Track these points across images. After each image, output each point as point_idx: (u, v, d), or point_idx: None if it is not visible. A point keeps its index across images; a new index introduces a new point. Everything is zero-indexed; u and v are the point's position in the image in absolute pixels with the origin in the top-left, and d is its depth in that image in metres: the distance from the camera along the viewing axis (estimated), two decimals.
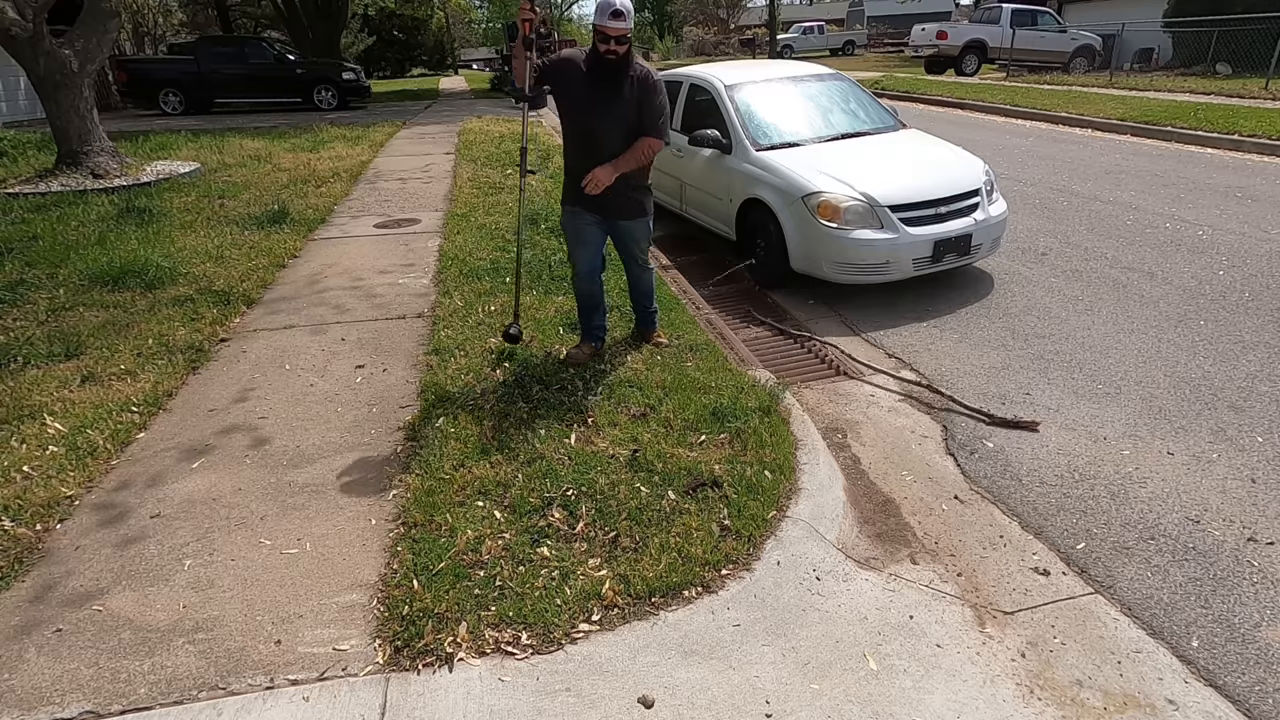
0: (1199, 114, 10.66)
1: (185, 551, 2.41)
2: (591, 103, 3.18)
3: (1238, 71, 15.30)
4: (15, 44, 7.46)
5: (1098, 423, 3.30)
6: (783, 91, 5.79)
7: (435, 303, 4.48)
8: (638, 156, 3.23)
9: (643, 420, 3.07)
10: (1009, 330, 4.29)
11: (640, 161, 3.25)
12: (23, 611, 2.17)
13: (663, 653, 2.02)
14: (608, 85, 3.15)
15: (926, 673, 1.98)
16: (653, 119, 3.22)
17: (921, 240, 4.51)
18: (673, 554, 2.32)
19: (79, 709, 1.86)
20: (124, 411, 3.23)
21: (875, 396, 3.63)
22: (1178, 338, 4.08)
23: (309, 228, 6.31)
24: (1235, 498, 2.77)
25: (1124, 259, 5.33)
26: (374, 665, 1.97)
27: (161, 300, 4.52)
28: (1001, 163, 8.70)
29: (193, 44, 19.38)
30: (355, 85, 18.33)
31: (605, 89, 3.15)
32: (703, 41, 45.84)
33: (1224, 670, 2.05)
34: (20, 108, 16.08)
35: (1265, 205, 6.55)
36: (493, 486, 2.65)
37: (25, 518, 2.54)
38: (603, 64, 3.13)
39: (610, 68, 3.13)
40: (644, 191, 3.49)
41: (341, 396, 3.40)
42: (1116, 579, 2.39)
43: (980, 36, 20.59)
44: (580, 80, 3.19)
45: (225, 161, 9.42)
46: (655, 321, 3.87)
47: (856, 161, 4.92)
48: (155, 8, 28.47)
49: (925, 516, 2.71)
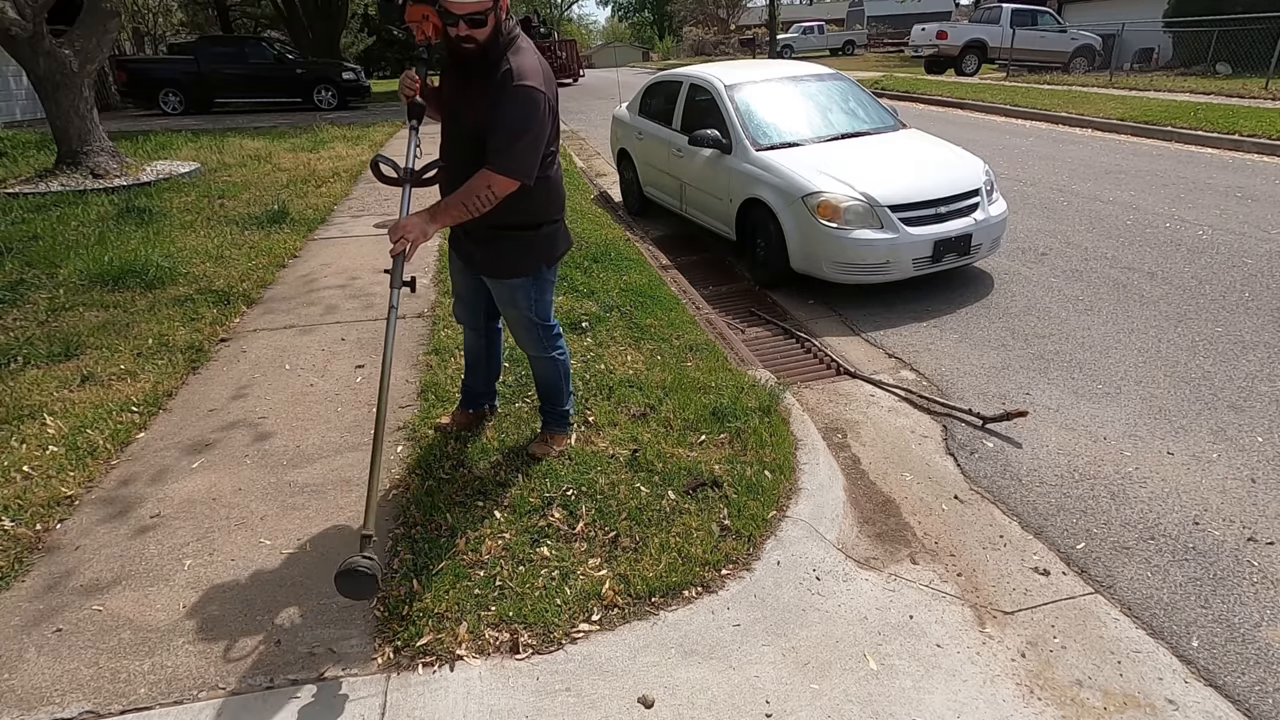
0: (1199, 114, 10.66)
1: (185, 551, 2.41)
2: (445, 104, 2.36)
3: (1238, 71, 15.30)
4: (15, 44, 7.47)
5: (1098, 423, 3.30)
6: (782, 91, 5.79)
7: (435, 303, 4.48)
8: (465, 200, 2.17)
9: (643, 420, 3.07)
10: (1009, 330, 4.29)
11: (469, 208, 2.18)
12: (23, 611, 2.17)
13: (663, 652, 2.02)
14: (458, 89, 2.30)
15: (926, 673, 1.98)
16: (500, 140, 2.15)
17: (921, 240, 4.51)
18: (673, 554, 2.32)
19: (79, 709, 1.85)
20: (124, 411, 3.23)
21: (875, 396, 3.63)
22: (1178, 338, 4.08)
23: (309, 228, 6.31)
24: (1235, 498, 2.77)
25: (1124, 259, 5.33)
26: (374, 665, 1.97)
27: (161, 300, 4.52)
28: (1001, 163, 8.70)
29: (193, 44, 19.40)
30: (355, 85, 18.35)
31: (454, 94, 2.32)
32: (703, 41, 45.82)
33: (1224, 670, 2.05)
34: (20, 108, 16.07)
35: (1265, 205, 6.55)
36: (493, 486, 2.65)
37: (25, 518, 2.54)
38: (455, 58, 2.26)
39: (463, 64, 2.25)
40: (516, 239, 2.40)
41: (341, 396, 3.39)
42: (1116, 579, 2.39)
43: (980, 36, 20.59)
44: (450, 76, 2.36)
45: (225, 161, 9.42)
46: (563, 425, 2.87)
47: (856, 161, 4.92)
48: (155, 8, 28.48)
49: (925, 516, 2.71)
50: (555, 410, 2.85)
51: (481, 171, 2.17)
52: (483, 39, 2.16)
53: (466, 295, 2.72)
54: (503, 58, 2.19)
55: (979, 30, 20.86)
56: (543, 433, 2.90)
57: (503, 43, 2.20)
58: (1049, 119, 12.35)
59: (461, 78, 2.27)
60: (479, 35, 2.15)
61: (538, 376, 2.79)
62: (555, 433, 2.87)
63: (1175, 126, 10.18)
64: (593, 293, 4.41)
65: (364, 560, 1.93)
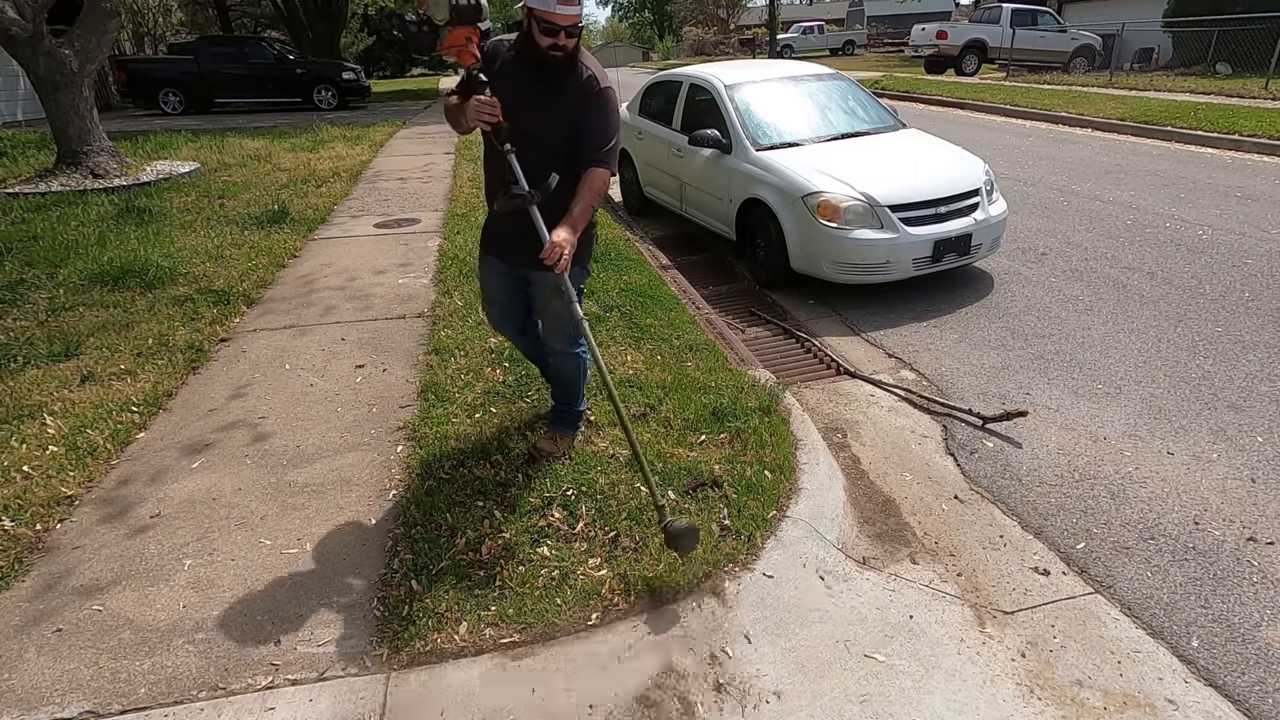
0: (1199, 114, 10.66)
1: (185, 551, 2.41)
2: (525, 115, 2.28)
3: (1238, 71, 15.31)
4: (15, 44, 7.47)
5: (1098, 423, 3.30)
6: (782, 91, 5.79)
7: (435, 302, 4.48)
8: (591, 202, 2.30)
9: (643, 420, 3.07)
10: (1009, 330, 4.29)
11: (593, 207, 2.33)
12: (23, 611, 2.17)
13: (663, 652, 2.01)
14: (540, 99, 2.30)
15: (926, 673, 1.98)
16: (602, 140, 2.29)
17: (921, 240, 4.51)
18: (673, 554, 2.32)
19: (79, 709, 1.86)
20: (124, 411, 3.23)
21: (875, 396, 3.63)
22: (1178, 338, 4.08)
23: (309, 227, 6.31)
24: (1235, 498, 2.77)
25: (1124, 259, 5.33)
26: (374, 665, 1.97)
27: (161, 300, 4.52)
28: (1001, 162, 8.70)
29: (193, 44, 19.39)
30: (355, 85, 18.34)
31: (543, 96, 2.31)
32: (703, 41, 45.84)
33: (1224, 670, 2.05)
34: (20, 108, 16.07)
35: (1265, 205, 6.55)
36: (493, 486, 2.65)
37: (25, 518, 2.54)
38: (544, 63, 2.24)
39: (550, 73, 2.27)
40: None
41: (341, 396, 3.39)
42: (1116, 579, 2.39)
43: (980, 36, 20.60)
44: (513, 82, 2.29)
45: (225, 161, 9.42)
46: (575, 425, 2.89)
47: (856, 161, 4.92)
48: (155, 8, 28.47)
49: (925, 516, 2.71)
50: (571, 409, 2.87)
51: (594, 171, 2.29)
52: (572, 48, 2.24)
53: (503, 299, 2.68)
54: (579, 64, 2.30)
55: (979, 30, 20.87)
56: (551, 430, 2.89)
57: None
58: (1049, 119, 12.35)
59: (545, 88, 2.29)
60: (571, 45, 2.22)
61: (558, 374, 2.79)
62: (565, 433, 2.87)
63: (1175, 126, 10.18)
64: (593, 293, 4.41)
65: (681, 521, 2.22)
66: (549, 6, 2.12)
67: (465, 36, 2.16)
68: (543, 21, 2.15)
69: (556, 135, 2.32)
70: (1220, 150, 9.20)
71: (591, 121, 2.29)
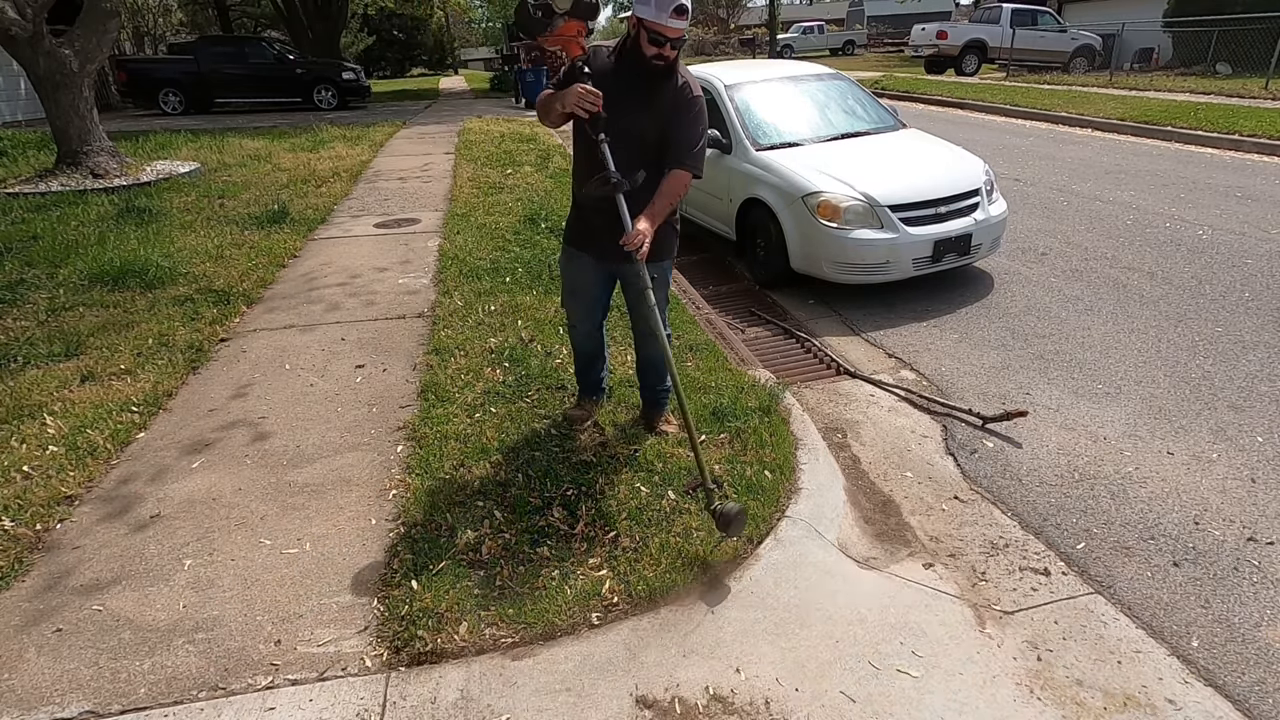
0: (1199, 114, 10.67)
1: (185, 551, 2.41)
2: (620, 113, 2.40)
3: (1237, 71, 15.31)
4: (15, 44, 7.47)
5: (1098, 423, 3.30)
6: (782, 91, 5.78)
7: (435, 302, 4.48)
8: (671, 200, 2.49)
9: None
10: (1009, 330, 4.29)
11: (672, 205, 2.52)
12: (23, 611, 2.17)
13: (663, 652, 2.02)
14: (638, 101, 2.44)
15: (926, 673, 1.98)
16: (690, 144, 2.48)
17: (921, 240, 4.51)
18: (673, 554, 2.32)
19: (79, 709, 1.86)
20: (124, 411, 3.23)
21: (875, 396, 3.63)
22: (1178, 338, 4.08)
23: (309, 227, 6.31)
24: (1235, 498, 2.77)
25: (1124, 259, 5.33)
26: (374, 665, 1.97)
27: (161, 300, 4.52)
28: (1001, 162, 8.70)
29: (193, 44, 19.41)
30: (355, 85, 18.34)
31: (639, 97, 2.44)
32: (703, 41, 45.79)
33: (1224, 670, 2.05)
34: (20, 108, 16.07)
35: (1265, 205, 6.55)
36: (493, 486, 2.65)
37: (25, 518, 2.54)
38: (648, 70, 2.40)
39: (654, 75, 2.42)
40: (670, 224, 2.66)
41: (341, 396, 3.39)
42: (1116, 579, 2.39)
43: (980, 36, 20.61)
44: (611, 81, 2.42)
45: (225, 161, 9.42)
46: (664, 403, 3.06)
47: (856, 161, 4.92)
48: (155, 8, 28.48)
49: (925, 516, 2.71)
50: (665, 388, 3.00)
51: (676, 172, 2.47)
52: (674, 57, 2.40)
53: (589, 293, 2.81)
54: (677, 72, 2.46)
55: (979, 30, 20.89)
56: (652, 411, 3.04)
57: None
58: (1049, 119, 12.35)
59: (642, 90, 2.44)
60: (673, 55, 2.39)
61: (652, 359, 2.89)
62: (662, 412, 3.05)
63: (1175, 126, 10.19)
64: None
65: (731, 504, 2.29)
66: (662, 20, 2.27)
67: (577, 29, 2.34)
68: (653, 32, 2.31)
69: (648, 135, 2.47)
70: (1220, 150, 9.20)
71: (681, 125, 2.46)
